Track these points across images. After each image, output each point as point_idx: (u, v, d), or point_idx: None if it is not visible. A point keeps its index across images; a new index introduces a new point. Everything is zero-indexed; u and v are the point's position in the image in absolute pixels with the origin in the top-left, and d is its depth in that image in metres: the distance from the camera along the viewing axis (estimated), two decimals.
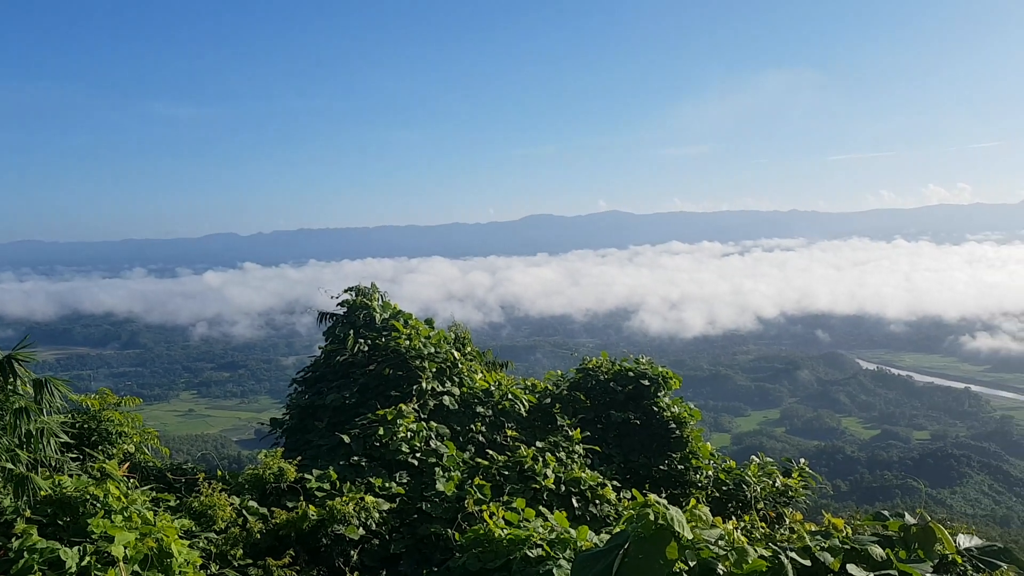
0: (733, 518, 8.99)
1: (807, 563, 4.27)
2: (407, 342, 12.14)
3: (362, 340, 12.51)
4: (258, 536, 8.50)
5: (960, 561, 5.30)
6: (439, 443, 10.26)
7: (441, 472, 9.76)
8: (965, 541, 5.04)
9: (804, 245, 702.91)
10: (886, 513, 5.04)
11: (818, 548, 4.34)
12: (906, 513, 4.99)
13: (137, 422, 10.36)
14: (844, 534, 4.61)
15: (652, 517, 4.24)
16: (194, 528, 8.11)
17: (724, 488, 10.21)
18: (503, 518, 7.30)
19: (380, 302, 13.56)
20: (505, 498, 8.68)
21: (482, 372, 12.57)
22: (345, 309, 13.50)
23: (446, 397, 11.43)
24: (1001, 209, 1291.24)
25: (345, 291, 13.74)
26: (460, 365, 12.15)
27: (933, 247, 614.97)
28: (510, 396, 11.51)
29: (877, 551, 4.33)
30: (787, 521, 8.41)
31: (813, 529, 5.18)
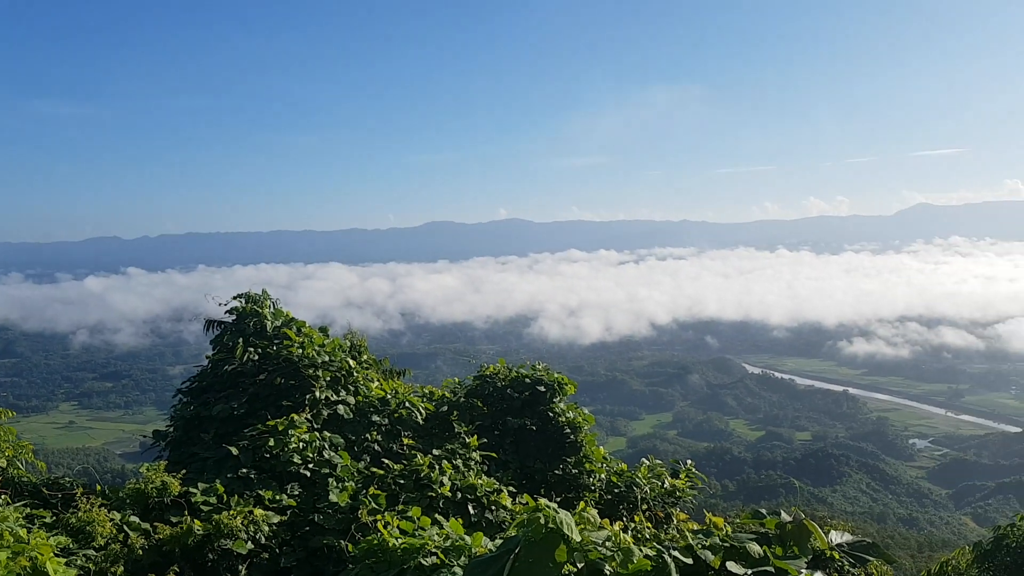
0: (623, 519, 9.22)
1: (689, 561, 4.41)
2: (300, 350, 11.86)
3: (252, 349, 12.13)
4: (140, 553, 8.16)
5: (838, 556, 5.61)
6: (333, 453, 10.07)
7: (335, 483, 9.58)
8: (837, 537, 5.32)
9: (695, 254, 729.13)
10: (764, 511, 5.26)
11: (700, 546, 4.50)
12: (783, 511, 5.21)
13: (10, 435, 9.76)
14: (724, 532, 4.79)
15: (542, 521, 4.29)
16: (71, 545, 7.74)
17: (616, 491, 10.47)
18: (398, 527, 7.23)
19: (272, 309, 13.19)
20: (400, 507, 8.61)
21: (378, 380, 12.42)
22: (234, 317, 13.05)
23: (340, 406, 11.23)
24: (876, 221, 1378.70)
25: (234, 298, 13.27)
26: (355, 373, 11.96)
27: (813, 257, 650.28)
28: (407, 404, 11.42)
29: (755, 548, 4.52)
30: (675, 521, 8.70)
31: (695, 528, 5.37)
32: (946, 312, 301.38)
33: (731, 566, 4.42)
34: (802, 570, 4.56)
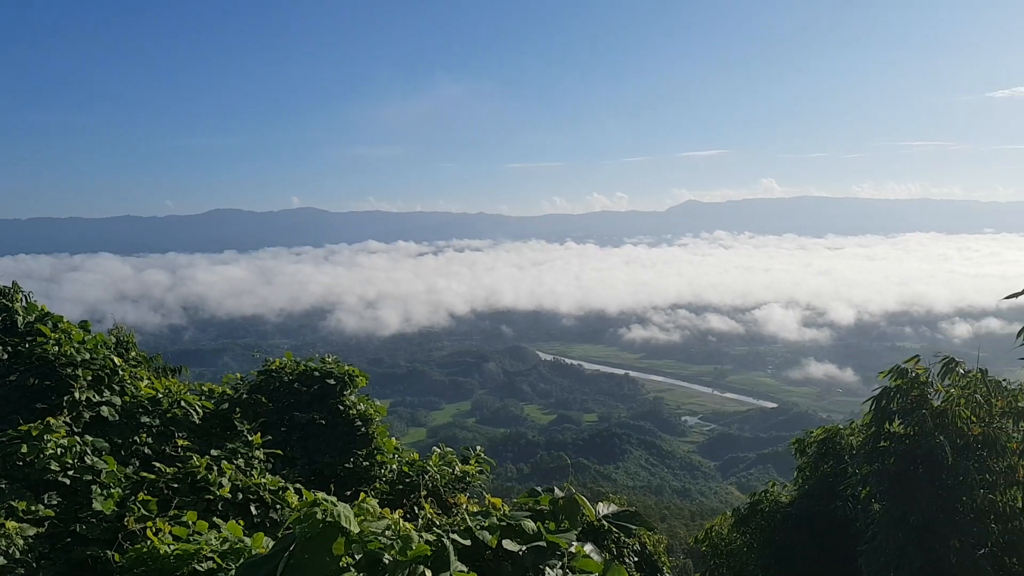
0: (414, 508, 9.27)
1: (468, 543, 4.50)
2: (56, 348, 10.71)
3: (0, 347, 10.81)
4: None
5: (607, 527, 5.97)
6: (96, 458, 9.21)
7: (99, 490, 8.77)
8: (604, 509, 5.62)
9: (491, 246, 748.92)
10: (539, 489, 5.45)
11: (478, 528, 4.60)
12: (556, 488, 5.45)
13: None
14: (502, 513, 4.92)
15: (320, 516, 4.19)
16: None
17: (407, 480, 10.48)
18: (171, 533, 6.76)
19: (24, 303, 11.81)
20: (174, 512, 8.05)
21: (149, 379, 11.52)
22: None
23: (105, 408, 10.28)
24: (651, 216, 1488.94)
25: None
26: (122, 372, 10.99)
27: (597, 249, 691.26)
28: (182, 403, 10.69)
29: (529, 525, 4.69)
30: (470, 507, 8.88)
31: (476, 511, 5.50)
32: (711, 300, 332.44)
33: (507, 544, 4.56)
34: (573, 542, 4.78)
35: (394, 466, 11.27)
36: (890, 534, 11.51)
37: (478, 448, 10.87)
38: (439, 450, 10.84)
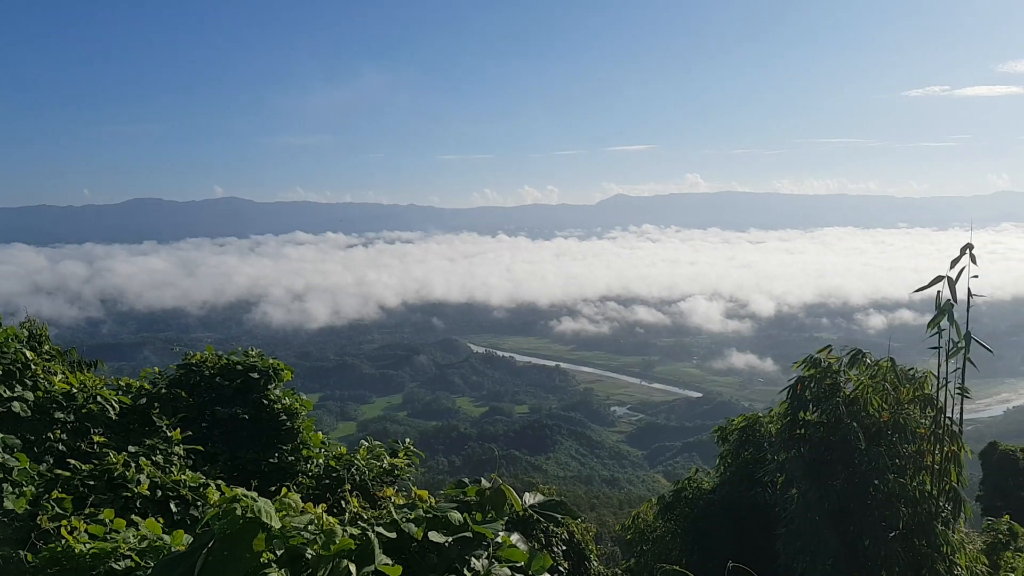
0: (343, 502, 9.18)
1: (393, 535, 4.49)
2: None
3: None
4: None
5: (536, 517, 6.04)
6: (8, 456, 8.81)
7: (11, 488, 8.40)
8: (530, 499, 5.68)
9: (422, 238, 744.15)
10: (467, 481, 5.48)
11: (404, 520, 4.60)
12: (483, 479, 5.48)
13: None
14: (428, 504, 4.93)
15: (239, 512, 4.12)
16: None
17: (334, 475, 10.36)
18: (86, 532, 6.54)
19: None
20: (90, 510, 7.78)
21: (64, 373, 11.06)
22: None
23: (16, 403, 9.84)
24: (582, 209, 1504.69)
25: None
26: (35, 366, 10.53)
27: (529, 242, 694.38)
28: (98, 398, 10.31)
29: (456, 516, 4.71)
30: (392, 500, 8.84)
31: (402, 503, 5.49)
32: (639, 292, 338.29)
33: (433, 535, 4.58)
34: (500, 532, 4.83)
35: (320, 461, 11.12)
36: (806, 518, 11.97)
37: (407, 441, 10.80)
38: (367, 443, 10.74)
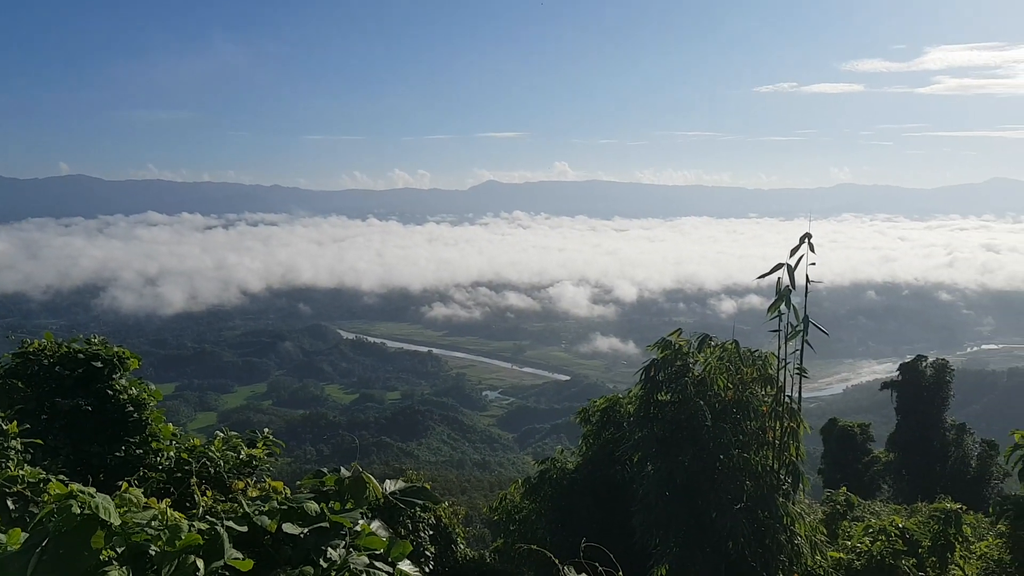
0: (196, 496, 8.82)
1: (244, 529, 4.38)
2: None
3: None
4: None
5: (394, 503, 6.03)
6: None
7: None
8: (391, 485, 5.68)
9: (287, 221, 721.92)
10: (325, 470, 5.40)
11: (256, 513, 4.48)
12: (342, 468, 5.43)
13: None
14: (283, 496, 4.84)
15: (76, 509, 3.89)
16: None
17: (186, 468, 9.91)
18: None
19: None
20: None
21: None
22: None
23: None
24: (454, 195, 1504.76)
25: None
26: None
27: (400, 226, 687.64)
28: None
29: (312, 506, 4.64)
30: (250, 492, 8.56)
31: (254, 495, 5.36)
32: (510, 277, 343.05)
33: (287, 527, 4.49)
34: (359, 521, 4.79)
35: (171, 453, 10.63)
36: (658, 493, 12.60)
37: (266, 430, 10.49)
38: (222, 434, 10.35)
